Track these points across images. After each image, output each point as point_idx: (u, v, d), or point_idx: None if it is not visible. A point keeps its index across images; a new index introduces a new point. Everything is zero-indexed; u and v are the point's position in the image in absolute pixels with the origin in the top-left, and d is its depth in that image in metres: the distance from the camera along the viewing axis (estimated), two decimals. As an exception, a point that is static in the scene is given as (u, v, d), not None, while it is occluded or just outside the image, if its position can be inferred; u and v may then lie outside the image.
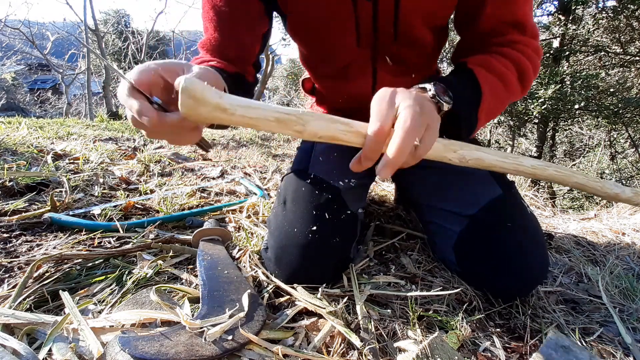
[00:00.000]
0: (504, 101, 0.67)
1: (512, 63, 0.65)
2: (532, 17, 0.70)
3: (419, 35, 0.72)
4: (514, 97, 0.69)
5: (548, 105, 3.17)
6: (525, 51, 0.66)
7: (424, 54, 0.78)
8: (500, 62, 0.64)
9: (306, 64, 0.87)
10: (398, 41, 0.71)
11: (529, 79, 0.67)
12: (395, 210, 1.20)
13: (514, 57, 0.65)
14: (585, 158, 6.17)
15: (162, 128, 0.44)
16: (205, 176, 1.47)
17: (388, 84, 0.72)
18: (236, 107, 0.40)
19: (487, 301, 0.73)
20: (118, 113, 7.19)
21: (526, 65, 0.65)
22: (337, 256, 0.72)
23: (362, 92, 0.80)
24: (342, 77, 0.80)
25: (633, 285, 0.85)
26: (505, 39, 0.67)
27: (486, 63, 0.64)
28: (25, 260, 0.69)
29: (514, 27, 0.67)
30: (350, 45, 0.73)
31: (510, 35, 0.67)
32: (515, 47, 0.66)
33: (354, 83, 0.80)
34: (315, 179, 0.75)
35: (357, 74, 0.78)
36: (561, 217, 1.54)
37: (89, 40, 7.62)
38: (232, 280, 0.64)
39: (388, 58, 0.75)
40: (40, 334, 0.50)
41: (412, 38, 0.72)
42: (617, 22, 3.70)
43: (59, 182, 1.08)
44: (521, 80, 0.66)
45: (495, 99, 0.64)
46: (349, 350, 0.54)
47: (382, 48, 0.73)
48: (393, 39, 0.71)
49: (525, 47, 0.66)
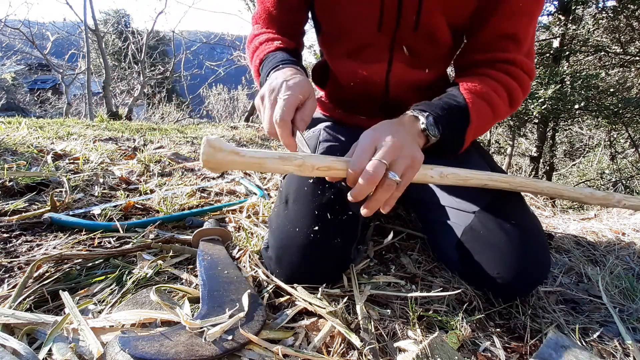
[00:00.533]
0: (490, 123, 0.74)
1: (504, 88, 0.71)
2: (533, 39, 0.76)
3: (437, 31, 0.74)
4: (501, 118, 0.77)
5: (548, 105, 3.17)
6: (518, 75, 0.72)
7: (439, 52, 0.79)
8: (491, 86, 0.70)
9: (324, 42, 0.87)
10: (417, 33, 0.73)
11: (517, 101, 0.75)
12: (395, 210, 1.20)
13: (505, 82, 0.71)
14: (585, 158, 6.17)
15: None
16: (205, 176, 1.47)
17: (402, 75, 0.81)
18: (245, 151, 0.50)
19: (487, 301, 0.73)
20: (118, 113, 7.19)
21: (517, 91, 0.72)
22: (338, 257, 0.72)
23: (375, 79, 0.82)
24: (358, 59, 0.81)
25: (633, 285, 0.85)
26: (502, 56, 0.72)
27: (477, 89, 0.70)
28: (25, 260, 0.69)
29: (513, 43, 0.71)
30: (371, 28, 0.74)
31: (507, 53, 0.72)
32: (509, 69, 0.72)
33: (369, 67, 0.81)
34: (318, 179, 0.75)
35: (374, 58, 0.80)
36: (561, 217, 1.54)
37: (89, 41, 7.61)
38: (232, 280, 0.64)
39: (405, 48, 0.77)
40: (40, 334, 0.50)
41: (431, 32, 0.74)
42: (617, 22, 3.69)
43: (59, 182, 1.08)
44: (510, 103, 0.74)
45: (483, 122, 0.71)
46: (349, 350, 0.54)
47: (401, 37, 0.75)
48: (413, 29, 0.73)
49: (518, 69, 0.72)
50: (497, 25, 0.70)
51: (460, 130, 0.69)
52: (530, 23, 0.71)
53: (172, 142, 2.24)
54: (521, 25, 0.70)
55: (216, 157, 0.48)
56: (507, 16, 0.69)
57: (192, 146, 2.23)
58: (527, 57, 0.73)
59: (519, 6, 0.68)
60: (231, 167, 0.50)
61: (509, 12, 0.69)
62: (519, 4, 0.68)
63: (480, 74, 0.73)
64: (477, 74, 0.74)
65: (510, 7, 0.68)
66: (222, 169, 0.50)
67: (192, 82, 12.19)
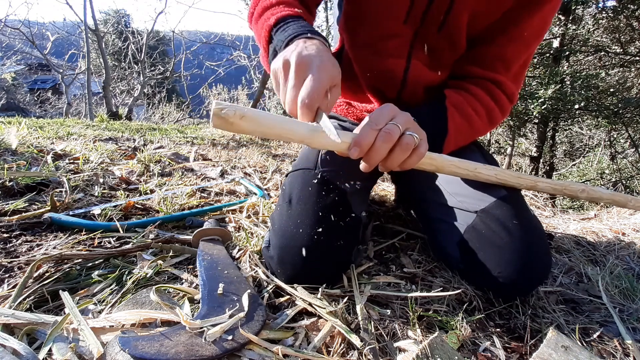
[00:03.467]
0: (467, 138, 0.80)
1: (484, 108, 0.77)
2: (525, 66, 0.81)
3: (458, 36, 0.75)
4: (479, 135, 0.83)
5: (548, 105, 3.17)
6: (499, 98, 0.78)
7: (454, 56, 0.81)
8: (473, 105, 0.76)
9: (347, 27, 0.84)
10: (440, 33, 0.75)
11: (496, 121, 0.81)
12: (395, 210, 1.20)
13: (487, 104, 0.77)
14: (585, 158, 6.17)
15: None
16: (205, 176, 1.47)
17: (419, 74, 0.82)
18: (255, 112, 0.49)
19: (487, 301, 0.73)
20: (118, 113, 7.19)
21: (495, 112, 0.78)
22: (339, 258, 0.72)
23: (391, 75, 0.82)
24: (378, 50, 0.80)
25: (633, 285, 0.85)
26: (492, 75, 0.77)
27: (460, 105, 0.75)
28: (25, 260, 0.69)
29: (504, 66, 0.77)
30: (399, 17, 0.74)
31: (496, 74, 0.77)
32: (493, 90, 0.77)
33: (388, 61, 0.81)
34: (322, 180, 0.74)
35: (393, 52, 0.80)
36: (561, 217, 1.54)
37: (89, 41, 7.61)
38: (232, 280, 0.64)
39: (426, 47, 0.78)
40: (40, 334, 0.50)
41: (452, 36, 0.75)
42: (617, 22, 3.69)
43: (59, 182, 1.08)
44: (489, 122, 0.80)
45: (460, 136, 0.76)
46: (349, 350, 0.54)
47: (424, 35, 0.76)
48: (437, 30, 0.74)
49: (501, 92, 0.78)
50: (499, 46, 0.75)
51: (435, 138, 0.70)
52: (526, 51, 0.76)
53: (172, 142, 2.24)
54: (517, 51, 0.75)
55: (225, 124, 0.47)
56: (510, 40, 0.74)
57: (192, 146, 2.23)
58: (512, 81, 0.78)
59: (523, 34, 0.73)
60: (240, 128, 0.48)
61: (513, 36, 0.73)
62: (525, 32, 0.73)
63: (466, 90, 0.78)
64: (464, 88, 0.79)
65: (517, 32, 0.73)
66: (231, 130, 0.49)
67: (192, 82, 12.20)
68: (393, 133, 0.52)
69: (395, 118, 0.54)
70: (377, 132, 0.52)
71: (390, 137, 0.52)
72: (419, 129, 0.56)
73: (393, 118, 0.54)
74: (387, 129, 0.52)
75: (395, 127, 0.52)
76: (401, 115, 0.55)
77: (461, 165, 0.66)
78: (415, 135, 0.53)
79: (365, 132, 0.52)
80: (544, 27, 0.76)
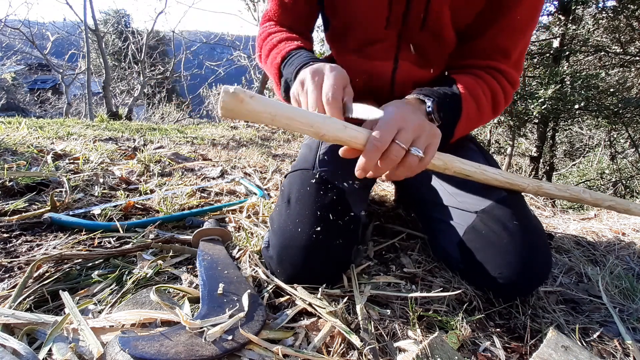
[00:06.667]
0: (475, 124, 0.79)
1: (491, 93, 0.75)
2: (523, 51, 0.79)
3: (443, 30, 0.75)
4: (483, 122, 0.82)
5: (548, 105, 3.16)
6: (503, 84, 0.76)
7: (444, 51, 0.81)
8: (483, 90, 0.74)
9: (332, 37, 0.88)
10: (424, 31, 0.75)
11: (499, 108, 0.80)
12: (395, 210, 1.20)
13: (494, 88, 0.75)
14: (585, 158, 6.17)
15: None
16: (205, 176, 1.47)
17: (408, 73, 0.83)
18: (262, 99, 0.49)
19: (487, 301, 0.73)
20: (118, 113, 7.19)
21: (500, 96, 0.77)
22: (339, 258, 0.72)
23: (381, 77, 0.83)
24: (365, 55, 0.82)
25: (633, 285, 0.85)
26: (493, 64, 0.76)
27: (472, 88, 0.73)
28: (25, 260, 0.69)
29: (503, 55, 0.76)
30: (379, 24, 0.75)
31: (498, 63, 0.76)
32: (497, 76, 0.76)
33: (376, 64, 0.82)
34: (321, 179, 0.75)
35: (380, 55, 0.81)
36: (561, 217, 1.54)
37: (89, 41, 7.61)
38: (232, 280, 0.64)
39: (412, 46, 0.78)
40: (40, 334, 0.50)
41: (437, 31, 0.75)
42: (617, 22, 3.69)
43: (59, 182, 1.08)
44: (493, 109, 0.78)
45: (469, 122, 0.75)
46: (349, 350, 0.54)
47: (408, 35, 0.76)
48: (419, 28, 0.74)
49: (504, 79, 0.76)
50: (493, 37, 0.74)
51: (452, 122, 0.70)
52: (523, 38, 0.76)
53: (172, 142, 2.24)
54: (513, 40, 0.75)
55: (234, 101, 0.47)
56: (503, 29, 0.73)
57: (192, 146, 2.23)
58: (514, 68, 0.77)
59: (515, 22, 0.72)
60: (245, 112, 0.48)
61: (505, 26, 0.72)
62: (516, 20, 0.72)
63: (474, 74, 0.76)
64: (471, 73, 0.77)
65: (507, 21, 0.72)
66: (238, 117, 0.49)
67: (192, 82, 12.19)
68: (397, 156, 0.53)
69: (401, 132, 0.54)
70: (380, 153, 0.53)
71: (394, 161, 0.54)
72: (428, 135, 0.56)
73: (400, 130, 0.54)
74: (391, 152, 0.53)
75: (399, 149, 0.53)
76: (408, 125, 0.54)
77: (467, 165, 0.67)
78: (419, 153, 0.54)
79: (370, 154, 0.53)
80: (535, 12, 0.75)
